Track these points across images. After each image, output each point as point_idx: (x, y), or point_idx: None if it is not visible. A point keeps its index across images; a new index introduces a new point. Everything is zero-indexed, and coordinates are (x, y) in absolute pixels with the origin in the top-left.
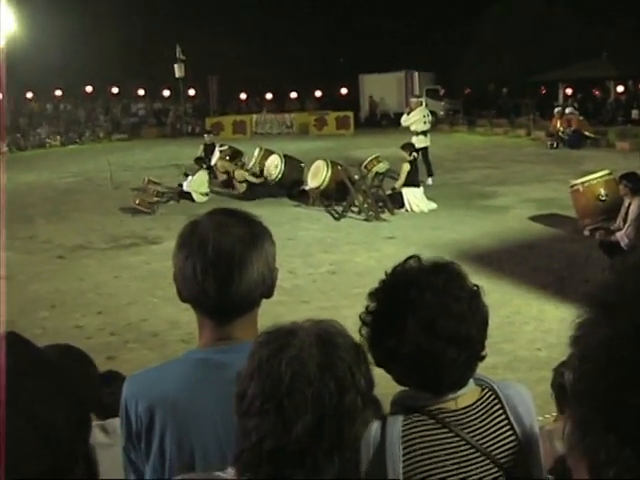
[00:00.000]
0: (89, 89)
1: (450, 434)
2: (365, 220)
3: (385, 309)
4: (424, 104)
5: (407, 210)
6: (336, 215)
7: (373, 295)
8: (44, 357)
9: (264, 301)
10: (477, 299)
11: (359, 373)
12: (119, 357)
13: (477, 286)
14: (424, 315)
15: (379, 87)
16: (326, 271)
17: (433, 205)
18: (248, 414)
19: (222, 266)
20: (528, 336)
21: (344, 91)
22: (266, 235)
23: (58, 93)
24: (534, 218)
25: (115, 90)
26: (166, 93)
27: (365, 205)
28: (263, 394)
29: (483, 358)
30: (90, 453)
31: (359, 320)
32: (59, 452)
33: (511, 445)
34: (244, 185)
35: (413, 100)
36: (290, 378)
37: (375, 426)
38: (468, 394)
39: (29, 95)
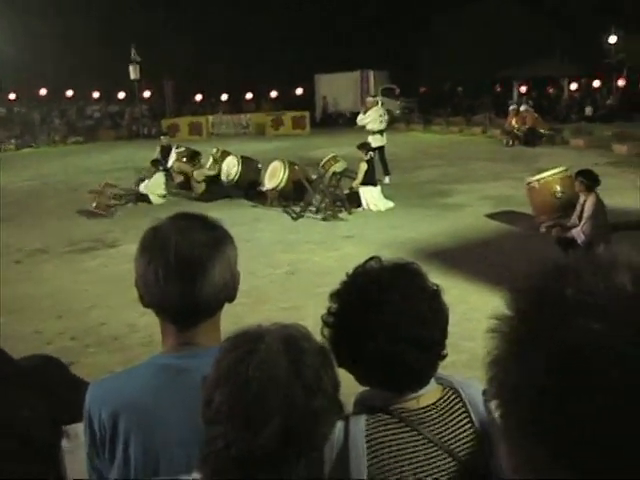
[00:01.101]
0: (43, 92)
1: (412, 432)
2: (323, 220)
3: (346, 310)
4: (380, 103)
5: (365, 209)
6: (294, 215)
7: (334, 296)
8: (21, 366)
9: (231, 302)
10: (438, 299)
11: (326, 376)
12: (79, 362)
13: (437, 286)
14: (385, 316)
15: (334, 87)
16: (285, 271)
17: (390, 204)
18: (215, 420)
19: (184, 271)
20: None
21: (299, 91)
22: (228, 239)
23: (12, 96)
24: (491, 215)
25: (70, 93)
26: (121, 95)
27: (323, 205)
28: (231, 400)
29: (444, 357)
30: (61, 457)
31: (321, 321)
32: (38, 455)
33: (472, 442)
34: (202, 185)
35: (369, 99)
36: (258, 383)
37: (338, 427)
38: (430, 393)
39: None
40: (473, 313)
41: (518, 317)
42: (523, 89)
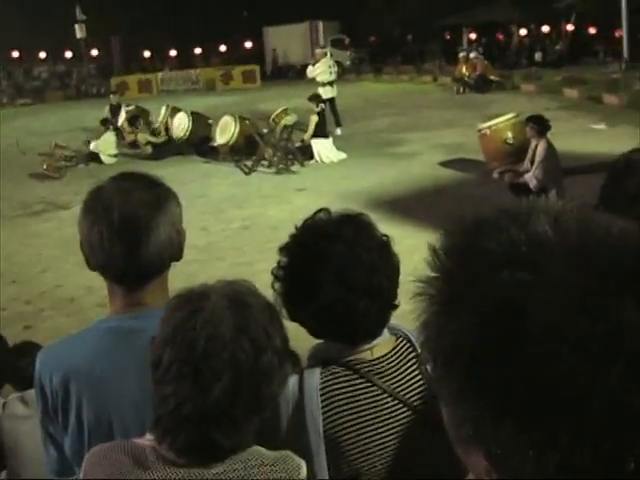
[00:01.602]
0: None
1: (367, 384)
2: (276, 173)
3: (296, 263)
4: (329, 55)
5: (317, 161)
6: (246, 170)
7: (284, 250)
8: None
9: (178, 261)
10: (387, 248)
11: (274, 332)
12: (35, 326)
13: (386, 236)
14: (335, 267)
15: (284, 39)
16: (239, 227)
17: (342, 155)
18: (164, 380)
19: (128, 232)
20: None
21: (249, 45)
22: (171, 197)
23: None
24: (443, 163)
25: (15, 54)
26: (68, 55)
27: (275, 158)
28: (179, 359)
29: (396, 307)
30: None
31: (271, 274)
32: None
33: (426, 391)
34: (149, 147)
35: (318, 51)
36: (205, 341)
37: (292, 381)
38: (383, 344)
39: None
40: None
41: (443, 277)
42: (473, 36)
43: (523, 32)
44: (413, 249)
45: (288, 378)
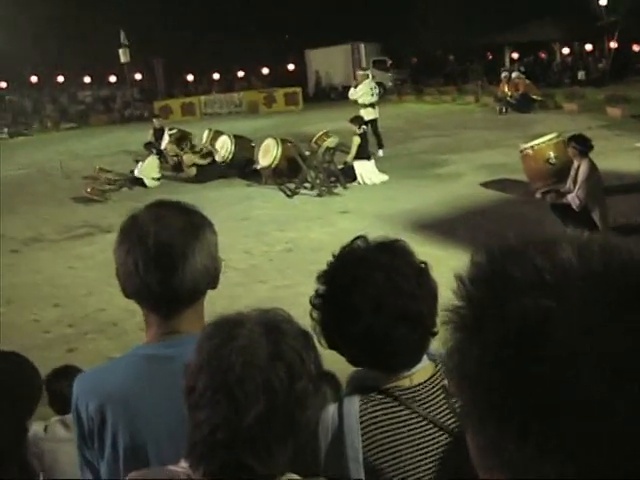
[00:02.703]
0: (34, 79)
1: (407, 411)
2: (318, 196)
3: (334, 291)
4: (371, 76)
5: (359, 183)
6: (289, 192)
7: (321, 277)
8: None
9: (221, 284)
10: (425, 275)
11: (308, 359)
12: (79, 349)
13: (425, 263)
14: (373, 295)
15: (326, 61)
16: (281, 249)
17: (385, 177)
18: (198, 406)
19: (164, 259)
20: None
21: (291, 67)
22: (206, 224)
23: (2, 85)
24: (486, 184)
25: (61, 79)
26: (112, 79)
27: (317, 181)
28: (213, 385)
29: (435, 334)
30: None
31: (309, 303)
32: None
33: None
34: (193, 169)
35: (360, 73)
36: (240, 367)
37: (332, 408)
38: (422, 370)
39: None
40: None
41: (467, 305)
42: (515, 55)
43: (566, 51)
44: (455, 270)
45: (325, 404)
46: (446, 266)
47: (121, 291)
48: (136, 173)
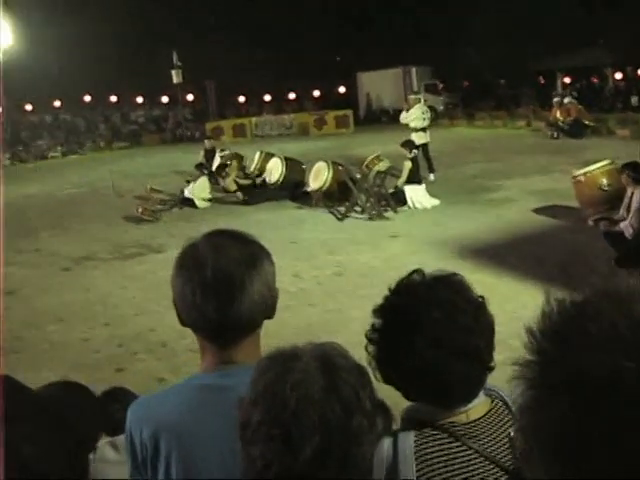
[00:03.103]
0: (87, 98)
1: (462, 447)
2: (368, 219)
3: (391, 326)
4: (422, 100)
5: (410, 207)
6: (339, 216)
7: (378, 312)
8: (37, 401)
9: (270, 319)
10: (483, 310)
11: (364, 394)
12: (128, 369)
13: (482, 297)
14: (431, 330)
15: (377, 84)
16: (331, 273)
17: (436, 201)
18: (253, 441)
19: (221, 289)
20: None
21: (342, 90)
22: (264, 255)
23: (57, 104)
24: (537, 210)
25: (114, 98)
26: (165, 99)
27: (368, 204)
28: (268, 420)
29: (492, 369)
30: None
31: (365, 338)
32: None
33: None
34: (239, 194)
35: (411, 97)
36: (296, 402)
37: (387, 443)
38: (479, 406)
39: (28, 107)
40: (522, 311)
41: (540, 361)
42: (567, 80)
43: (618, 76)
44: (506, 298)
45: (379, 439)
46: (496, 293)
47: (177, 319)
48: (186, 194)
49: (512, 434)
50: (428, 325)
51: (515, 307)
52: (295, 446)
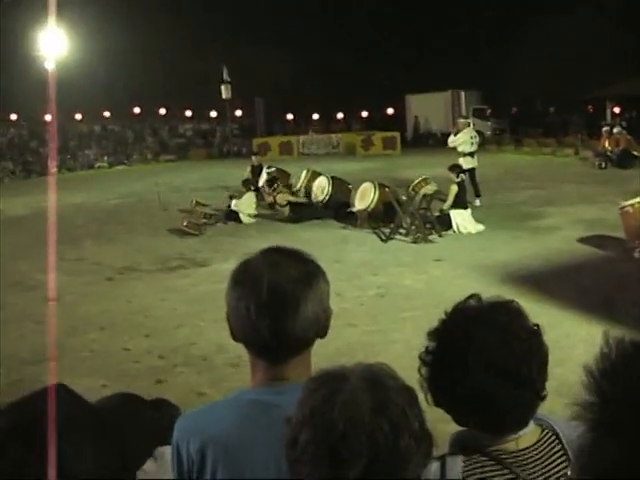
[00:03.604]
0: (137, 110)
1: (510, 475)
2: (413, 242)
3: (445, 349)
4: (471, 125)
5: (455, 232)
6: (383, 237)
7: (433, 334)
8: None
9: (322, 338)
10: (538, 338)
11: (412, 415)
12: (168, 381)
13: (537, 325)
14: (485, 355)
15: (426, 107)
16: (374, 294)
17: (481, 227)
18: (300, 461)
19: (276, 306)
20: (578, 360)
21: (390, 111)
22: (320, 274)
23: (106, 114)
24: (583, 239)
25: (162, 111)
26: (213, 114)
27: (413, 227)
28: (316, 440)
29: (544, 398)
30: None
31: (418, 359)
32: None
33: None
34: (287, 208)
35: (460, 121)
36: (344, 423)
37: (434, 466)
38: (528, 434)
39: (78, 117)
40: (564, 339)
41: (599, 401)
42: (616, 110)
43: None
44: (549, 326)
45: (426, 462)
46: (539, 321)
47: (230, 335)
48: (232, 207)
49: (569, 474)
50: (482, 349)
51: (557, 336)
52: (343, 467)
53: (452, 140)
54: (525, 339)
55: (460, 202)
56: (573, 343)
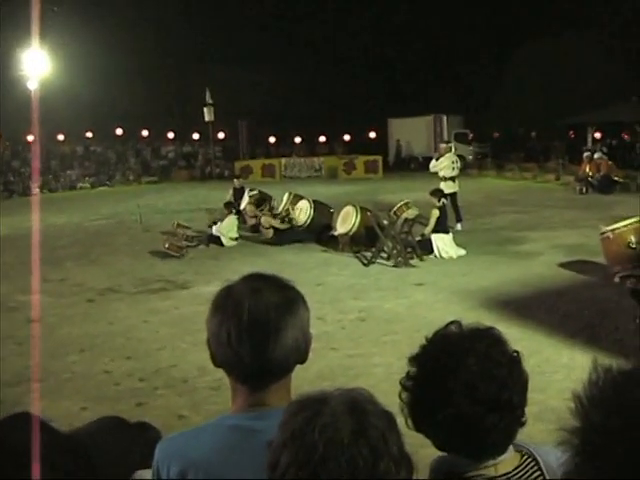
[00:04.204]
0: (119, 131)
1: None
2: (394, 266)
3: (426, 374)
4: (453, 150)
5: (436, 256)
6: (365, 261)
7: (414, 360)
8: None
9: (302, 364)
10: (518, 365)
11: (391, 440)
12: (148, 403)
13: (517, 352)
14: (465, 380)
15: (408, 131)
16: (355, 317)
17: (462, 251)
18: None
19: (257, 332)
20: (558, 385)
21: (372, 135)
22: (300, 301)
23: (89, 135)
24: (564, 264)
25: (145, 133)
26: (196, 136)
27: (394, 251)
28: (297, 462)
29: (524, 424)
30: None
31: (399, 385)
32: None
33: None
34: (271, 231)
35: (442, 146)
36: (324, 445)
37: None
38: (508, 460)
39: (60, 137)
40: (545, 365)
41: (586, 427)
42: (597, 135)
43: None
44: (530, 352)
45: None
46: (520, 346)
47: (210, 360)
48: (214, 231)
49: None
50: (463, 375)
51: (538, 361)
52: None
53: (434, 165)
54: (505, 365)
55: (441, 226)
56: (554, 369)
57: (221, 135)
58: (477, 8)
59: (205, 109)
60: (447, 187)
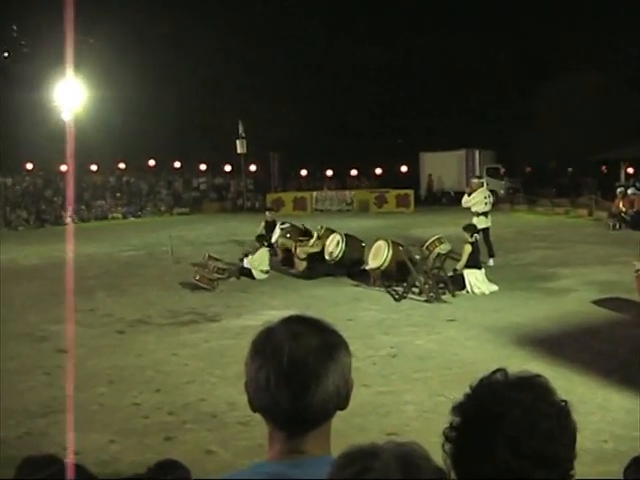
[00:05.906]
0: (152, 163)
1: None
2: (426, 301)
3: (470, 425)
4: (485, 185)
5: (468, 292)
6: (396, 296)
7: (457, 409)
8: None
9: (343, 410)
10: (566, 416)
11: None
12: (177, 438)
13: (565, 402)
14: (511, 433)
15: (439, 165)
16: (386, 354)
17: (494, 287)
18: None
19: (297, 378)
20: (593, 426)
21: (404, 169)
22: (342, 345)
23: (121, 166)
24: (597, 302)
25: (177, 164)
26: (227, 168)
27: (426, 286)
28: None
29: (571, 477)
30: None
31: (442, 435)
32: None
33: None
34: (304, 263)
35: (474, 181)
36: None
37: None
38: None
39: (93, 167)
40: (579, 405)
41: None
42: (630, 170)
43: None
44: (564, 391)
45: None
46: (553, 385)
47: (248, 403)
48: (245, 264)
49: None
50: (508, 427)
51: (572, 401)
52: None
53: (466, 200)
54: (553, 417)
55: (474, 262)
56: (588, 410)
57: (253, 167)
58: (508, 41)
59: (237, 141)
60: (479, 222)
